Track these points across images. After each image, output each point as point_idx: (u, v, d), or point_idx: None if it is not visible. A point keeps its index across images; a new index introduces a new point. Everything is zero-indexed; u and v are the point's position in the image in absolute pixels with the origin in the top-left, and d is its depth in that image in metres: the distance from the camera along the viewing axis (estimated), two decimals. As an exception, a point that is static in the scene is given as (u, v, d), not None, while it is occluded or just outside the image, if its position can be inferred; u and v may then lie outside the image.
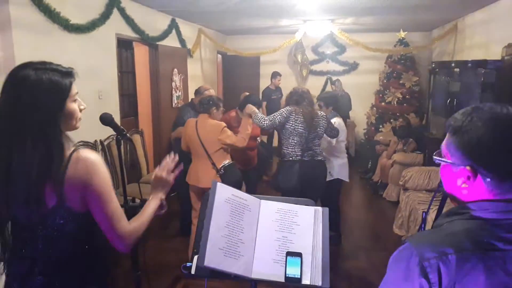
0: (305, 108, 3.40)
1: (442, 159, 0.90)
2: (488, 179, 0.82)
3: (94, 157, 1.27)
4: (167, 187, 1.52)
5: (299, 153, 3.36)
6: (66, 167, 1.22)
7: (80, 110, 1.34)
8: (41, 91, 1.21)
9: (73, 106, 1.29)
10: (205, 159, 3.29)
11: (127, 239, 1.31)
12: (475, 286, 0.75)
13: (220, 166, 3.25)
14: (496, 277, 0.75)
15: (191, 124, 3.39)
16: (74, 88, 1.29)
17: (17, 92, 1.21)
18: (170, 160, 1.53)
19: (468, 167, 0.84)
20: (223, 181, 3.19)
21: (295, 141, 3.37)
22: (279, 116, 3.37)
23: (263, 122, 3.39)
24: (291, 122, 3.35)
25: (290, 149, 3.38)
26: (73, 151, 1.25)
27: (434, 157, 0.92)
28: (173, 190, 4.56)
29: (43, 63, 1.27)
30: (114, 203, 1.29)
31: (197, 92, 3.96)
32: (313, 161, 3.42)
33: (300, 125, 3.35)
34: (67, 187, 1.22)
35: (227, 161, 3.31)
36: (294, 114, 3.36)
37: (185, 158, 3.39)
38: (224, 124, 3.32)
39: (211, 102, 3.35)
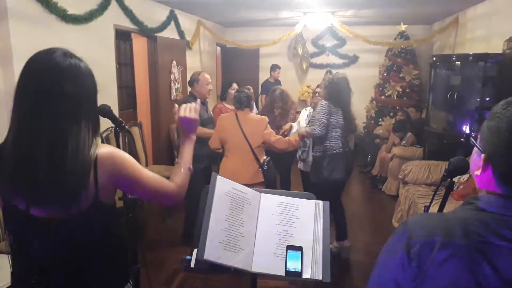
0: (340, 101, 3.45)
1: (475, 141, 0.87)
2: (498, 173, 0.79)
3: (111, 150, 1.25)
4: (194, 125, 1.46)
5: (341, 145, 3.46)
6: (95, 164, 1.18)
7: None
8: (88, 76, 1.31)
9: None
10: (248, 154, 3.24)
11: (177, 196, 1.34)
12: (453, 273, 0.74)
13: (263, 161, 3.26)
14: (479, 270, 0.73)
15: (230, 119, 3.32)
16: None
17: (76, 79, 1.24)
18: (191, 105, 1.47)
19: (483, 156, 0.82)
20: (265, 176, 3.23)
21: (338, 134, 3.45)
22: (323, 116, 3.37)
23: (314, 132, 3.38)
24: (334, 116, 3.41)
25: (333, 142, 3.44)
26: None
27: (471, 138, 0.89)
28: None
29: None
30: (147, 176, 1.29)
31: (194, 80, 3.77)
32: (350, 151, 3.63)
33: (340, 117, 3.44)
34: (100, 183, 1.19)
35: (266, 157, 3.32)
36: (333, 108, 3.41)
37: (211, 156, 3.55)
38: (267, 119, 3.37)
39: (249, 97, 3.38)
